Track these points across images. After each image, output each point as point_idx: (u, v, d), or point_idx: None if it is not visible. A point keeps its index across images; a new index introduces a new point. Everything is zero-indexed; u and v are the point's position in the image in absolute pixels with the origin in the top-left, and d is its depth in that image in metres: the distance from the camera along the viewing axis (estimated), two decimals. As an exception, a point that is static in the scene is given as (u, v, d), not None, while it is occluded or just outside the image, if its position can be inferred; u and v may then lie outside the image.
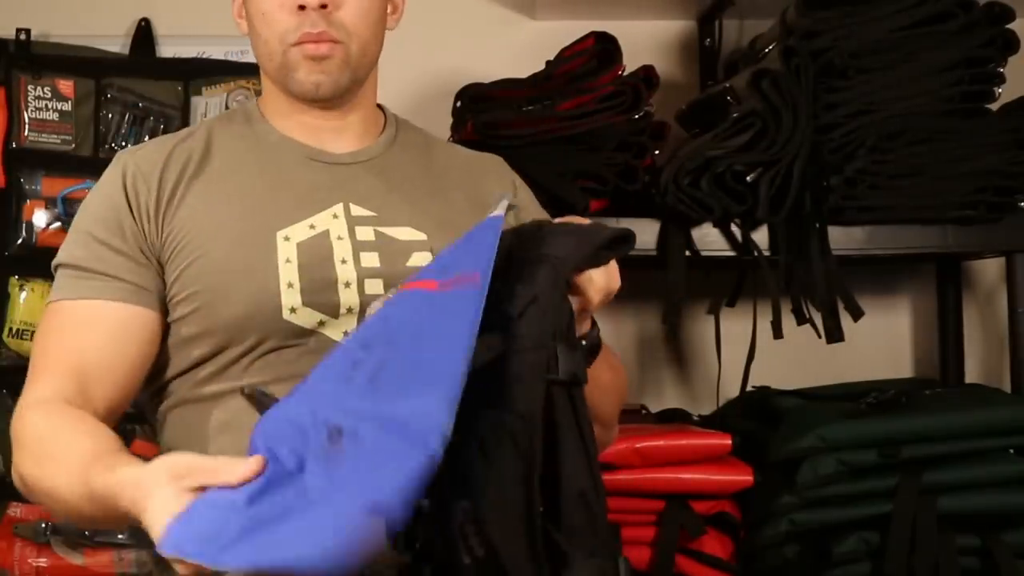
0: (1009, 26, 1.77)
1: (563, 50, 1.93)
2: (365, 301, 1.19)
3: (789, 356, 1.91)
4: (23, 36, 2.02)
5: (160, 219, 1.23)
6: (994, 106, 1.82)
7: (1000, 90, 1.80)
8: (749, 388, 1.91)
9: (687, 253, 1.78)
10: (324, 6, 1.22)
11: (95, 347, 1.19)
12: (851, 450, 1.63)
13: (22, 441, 1.14)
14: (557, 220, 1.06)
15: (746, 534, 1.70)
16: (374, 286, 1.20)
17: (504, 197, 1.01)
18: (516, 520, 0.84)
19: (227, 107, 2.01)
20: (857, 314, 1.78)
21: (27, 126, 2.00)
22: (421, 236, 1.25)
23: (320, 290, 1.19)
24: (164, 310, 1.23)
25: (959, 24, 1.76)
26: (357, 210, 1.25)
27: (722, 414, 1.98)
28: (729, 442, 1.67)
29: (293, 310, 1.18)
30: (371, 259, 1.22)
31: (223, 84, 2.03)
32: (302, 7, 1.22)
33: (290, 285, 1.19)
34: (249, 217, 1.22)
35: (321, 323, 1.19)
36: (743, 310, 1.89)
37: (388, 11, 1.32)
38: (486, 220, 0.96)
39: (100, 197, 1.27)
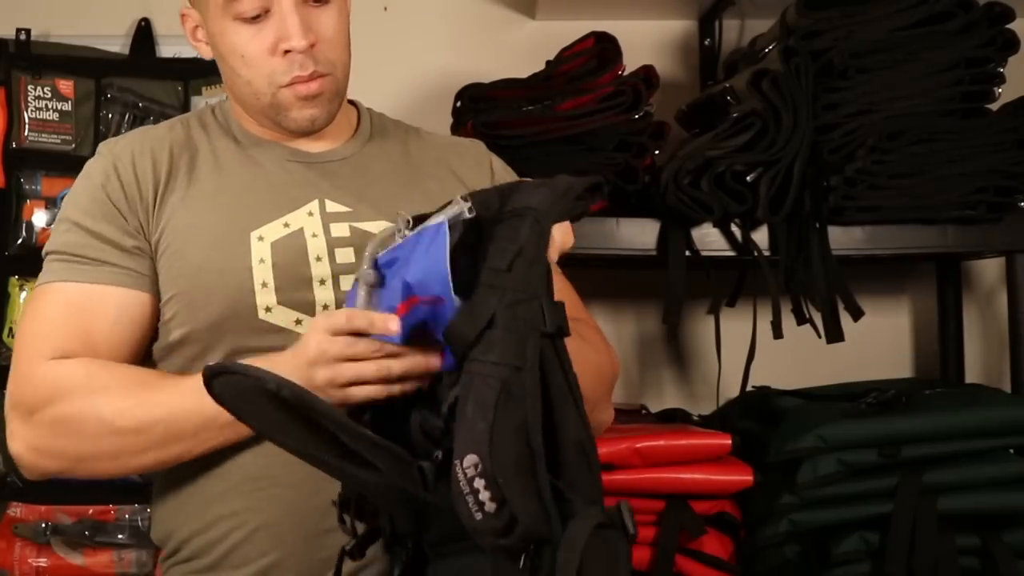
0: (1009, 26, 1.77)
1: (563, 50, 1.93)
2: (340, 298, 1.19)
3: (789, 356, 1.90)
4: (23, 36, 2.02)
5: (151, 214, 1.23)
6: (994, 106, 1.82)
7: (1000, 90, 1.80)
8: (749, 388, 1.90)
9: (687, 253, 1.79)
10: (312, 45, 1.22)
11: (102, 332, 1.19)
12: (851, 450, 1.63)
13: (64, 384, 1.16)
14: (513, 182, 1.05)
15: (746, 534, 1.70)
16: (349, 282, 1.20)
17: (457, 204, 0.97)
18: (523, 473, 0.84)
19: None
20: (857, 314, 1.77)
21: (27, 126, 2.00)
22: None
23: (295, 288, 1.20)
24: (158, 292, 1.23)
25: (959, 24, 1.76)
26: (332, 207, 1.26)
27: (722, 414, 1.98)
28: (729, 442, 1.66)
29: (268, 309, 1.18)
30: (346, 255, 1.22)
31: (223, 84, 2.02)
32: (287, 50, 1.22)
33: (264, 285, 1.19)
34: (225, 219, 1.23)
35: (298, 321, 1.19)
36: (743, 310, 1.89)
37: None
38: (428, 232, 0.95)
39: (87, 188, 1.26)
